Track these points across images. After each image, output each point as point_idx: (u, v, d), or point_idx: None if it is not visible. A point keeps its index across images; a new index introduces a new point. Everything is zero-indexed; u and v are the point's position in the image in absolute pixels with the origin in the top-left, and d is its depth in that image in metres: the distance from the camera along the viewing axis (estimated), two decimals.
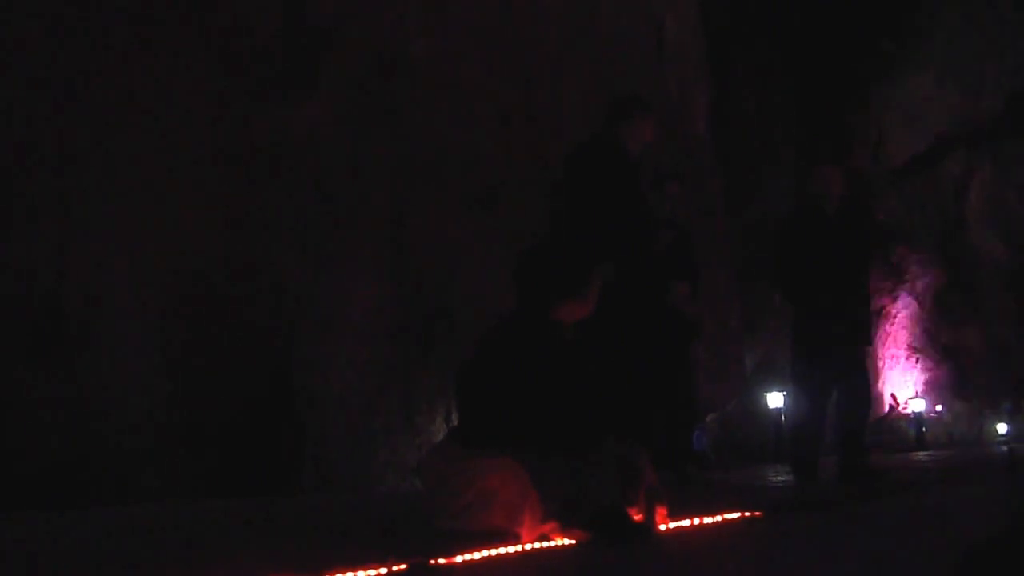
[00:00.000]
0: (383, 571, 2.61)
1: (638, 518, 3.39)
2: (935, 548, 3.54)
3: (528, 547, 3.13)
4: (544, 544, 3.20)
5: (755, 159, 13.88)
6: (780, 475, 6.94)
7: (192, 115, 6.59)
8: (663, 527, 3.50)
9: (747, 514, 4.02)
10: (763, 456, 12.98)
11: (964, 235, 14.94)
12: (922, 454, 12.87)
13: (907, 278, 14.71)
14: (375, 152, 7.62)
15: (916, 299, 14.96)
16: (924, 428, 16.75)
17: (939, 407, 17.05)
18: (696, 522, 3.74)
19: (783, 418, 13.99)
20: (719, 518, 3.89)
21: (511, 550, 3.04)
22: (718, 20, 12.10)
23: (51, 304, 5.87)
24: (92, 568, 3.07)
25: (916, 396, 17.30)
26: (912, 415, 17.22)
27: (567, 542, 3.23)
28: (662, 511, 3.50)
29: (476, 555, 2.86)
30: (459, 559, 2.80)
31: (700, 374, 6.87)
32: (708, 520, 3.82)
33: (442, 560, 2.74)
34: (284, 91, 7.07)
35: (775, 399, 14.84)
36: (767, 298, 11.36)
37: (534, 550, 3.11)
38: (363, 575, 2.58)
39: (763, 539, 3.62)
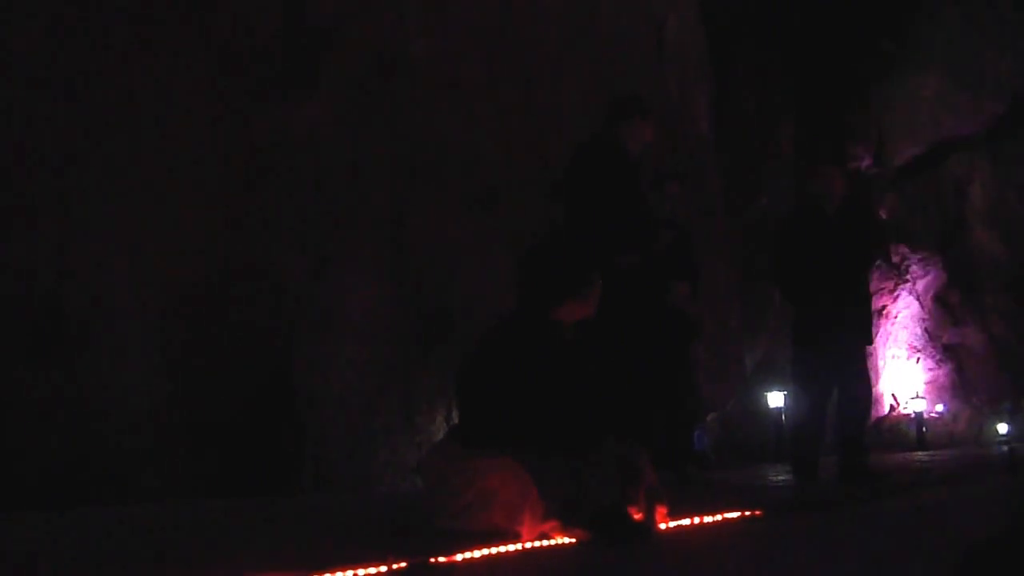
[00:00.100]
0: (383, 570, 2.61)
1: (638, 517, 3.39)
2: (935, 548, 3.54)
3: (528, 546, 3.14)
4: (544, 543, 3.20)
5: (755, 159, 13.88)
6: (780, 475, 6.94)
7: (192, 115, 6.58)
8: (663, 526, 3.50)
9: (747, 514, 4.03)
10: (763, 456, 12.97)
11: (965, 235, 14.95)
12: (922, 454, 12.86)
13: (908, 278, 14.72)
14: (375, 152, 7.62)
15: (917, 299, 14.96)
16: (924, 428, 16.74)
17: (939, 407, 17.05)
18: (696, 522, 3.74)
19: (783, 418, 13.98)
20: (719, 518, 3.89)
21: (511, 549, 3.04)
22: (718, 20, 12.09)
23: (51, 304, 5.87)
24: (92, 568, 3.07)
25: (916, 396, 17.30)
26: (912, 415, 17.22)
27: (567, 541, 3.23)
28: (662, 511, 3.50)
29: (476, 554, 2.86)
30: (459, 558, 2.80)
31: (700, 374, 6.87)
32: (708, 520, 3.82)
33: (442, 559, 2.75)
34: (284, 91, 7.07)
35: (775, 399, 14.83)
36: (767, 298, 11.36)
37: (534, 549, 3.11)
38: (363, 574, 2.58)
39: (763, 539, 3.62)
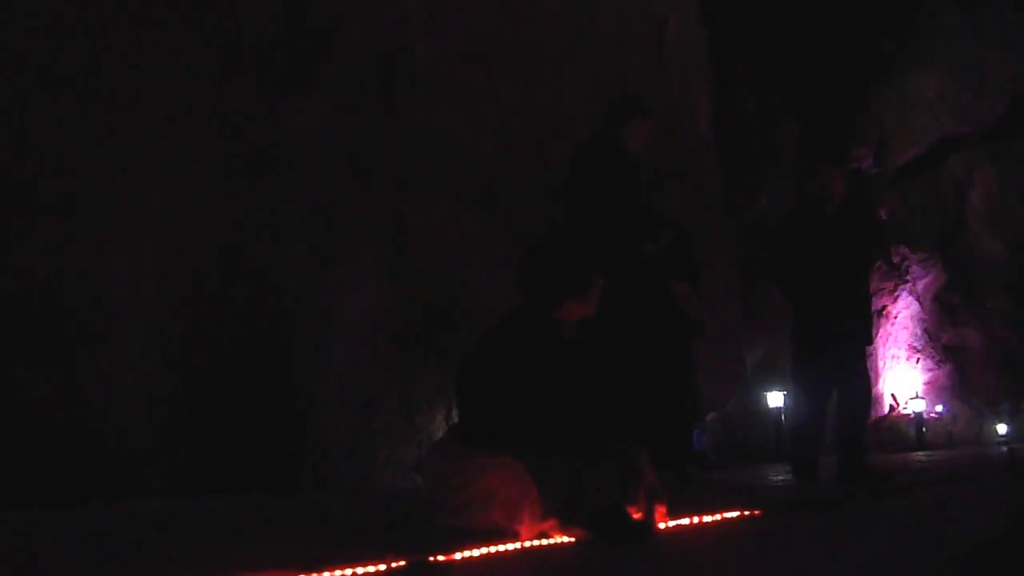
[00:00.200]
0: (383, 568, 2.61)
1: (638, 517, 3.39)
2: (935, 548, 3.54)
3: (527, 545, 3.14)
4: (544, 542, 3.20)
5: (755, 159, 13.87)
6: (780, 475, 6.94)
7: (192, 115, 6.59)
8: (663, 526, 3.50)
9: (747, 513, 4.02)
10: (763, 456, 12.96)
11: (965, 235, 14.95)
12: (922, 454, 12.86)
13: (908, 278, 14.72)
14: (375, 152, 7.62)
15: (917, 299, 14.96)
16: (924, 428, 16.75)
17: (939, 407, 17.05)
18: (696, 521, 3.74)
19: (783, 418, 13.97)
20: (719, 517, 3.89)
21: (510, 548, 3.04)
22: (718, 20, 12.09)
23: (51, 304, 5.87)
24: (91, 567, 3.07)
25: (916, 396, 17.30)
26: (912, 415, 17.22)
27: (566, 540, 3.23)
28: (662, 510, 3.50)
29: (475, 553, 2.87)
30: (459, 556, 2.80)
31: (700, 374, 6.86)
32: (708, 519, 3.82)
33: (441, 558, 2.75)
34: (284, 91, 7.07)
35: (775, 399, 14.83)
36: (767, 298, 11.36)
37: (533, 548, 3.11)
38: (363, 572, 2.58)
39: (763, 538, 3.62)
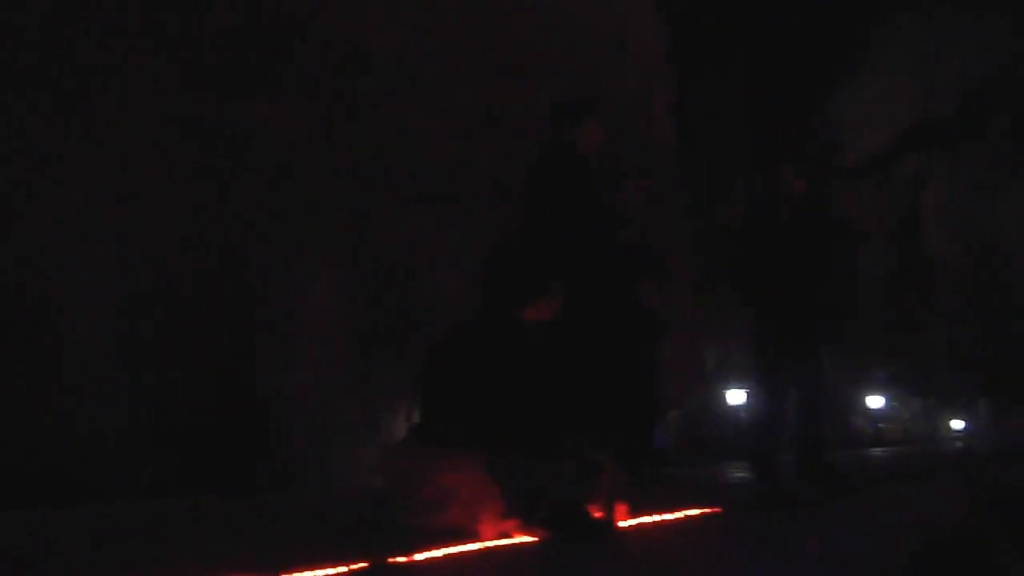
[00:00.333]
0: (343, 570, 2.61)
1: (598, 515, 3.41)
2: (890, 545, 3.60)
3: (488, 544, 3.14)
4: (504, 541, 3.21)
5: (716, 160, 13.99)
6: (741, 472, 6.99)
7: (154, 113, 6.53)
8: (623, 524, 3.52)
9: (707, 511, 4.06)
10: (725, 453, 13.08)
11: (920, 235, 15.19)
12: (879, 450, 13.04)
13: (864, 276, 14.93)
14: (337, 151, 7.59)
15: (876, 297, 15.19)
16: (881, 425, 16.99)
17: (896, 404, 17.30)
18: (657, 519, 3.77)
19: (744, 415, 14.10)
20: (679, 515, 3.92)
21: (471, 548, 3.05)
22: (680, 22, 12.18)
23: (11, 302, 5.78)
24: (48, 570, 3.04)
25: (874, 394, 17.55)
26: (870, 412, 17.46)
27: (527, 540, 3.24)
28: (622, 508, 3.53)
29: (437, 553, 2.87)
30: (419, 557, 2.80)
31: (662, 372, 6.90)
32: (669, 517, 3.85)
33: (402, 558, 2.75)
34: (247, 90, 7.03)
35: (736, 396, 14.96)
36: (728, 297, 11.43)
37: (494, 547, 3.12)
38: (323, 574, 2.57)
39: (722, 535, 3.66)
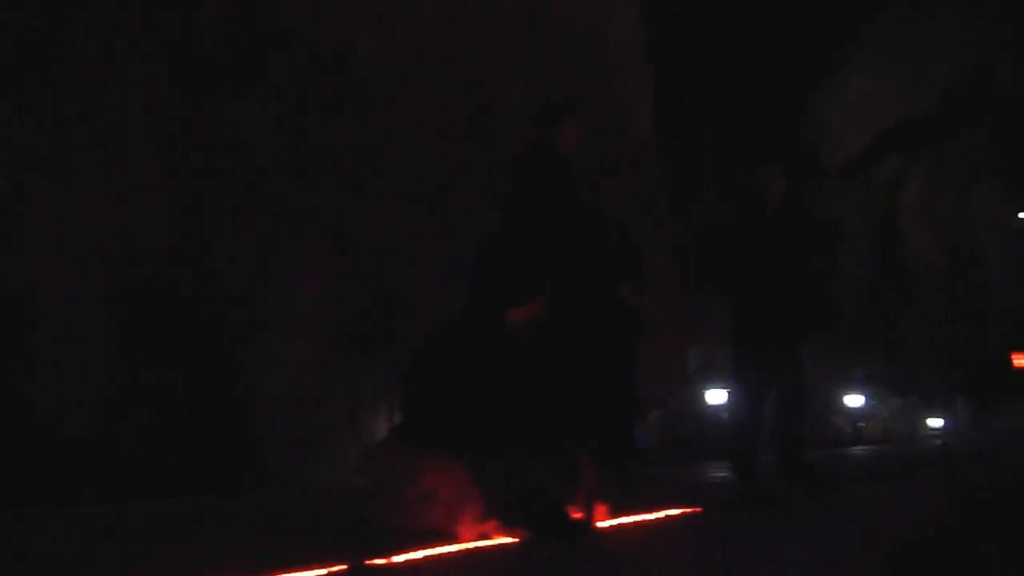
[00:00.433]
0: (323, 572, 2.60)
1: (578, 516, 3.42)
2: (870, 544, 3.62)
3: (468, 546, 3.14)
4: (484, 543, 3.21)
5: (699, 161, 14.03)
6: (721, 471, 7.02)
7: (138, 111, 6.48)
8: (604, 525, 3.53)
9: (688, 511, 4.08)
10: (706, 453, 13.11)
11: (899, 234, 15.29)
12: (859, 449, 13.13)
13: (845, 276, 15.02)
14: (321, 151, 7.56)
15: (853, 297, 15.28)
16: (861, 424, 17.09)
17: (876, 403, 17.41)
18: (637, 520, 3.78)
19: (724, 415, 14.13)
20: (660, 515, 3.94)
21: (451, 549, 3.05)
22: (663, 23, 12.21)
23: None
24: (27, 570, 3.02)
25: (854, 392, 17.65)
26: (850, 411, 17.56)
27: (507, 541, 3.24)
28: (602, 509, 3.53)
29: (416, 555, 2.87)
30: (400, 559, 2.80)
31: (643, 371, 6.92)
32: (649, 517, 3.87)
33: (381, 560, 2.74)
34: (229, 87, 6.98)
35: (717, 396, 15.00)
36: (710, 296, 11.48)
37: (474, 549, 3.12)
38: None
39: (702, 536, 3.68)
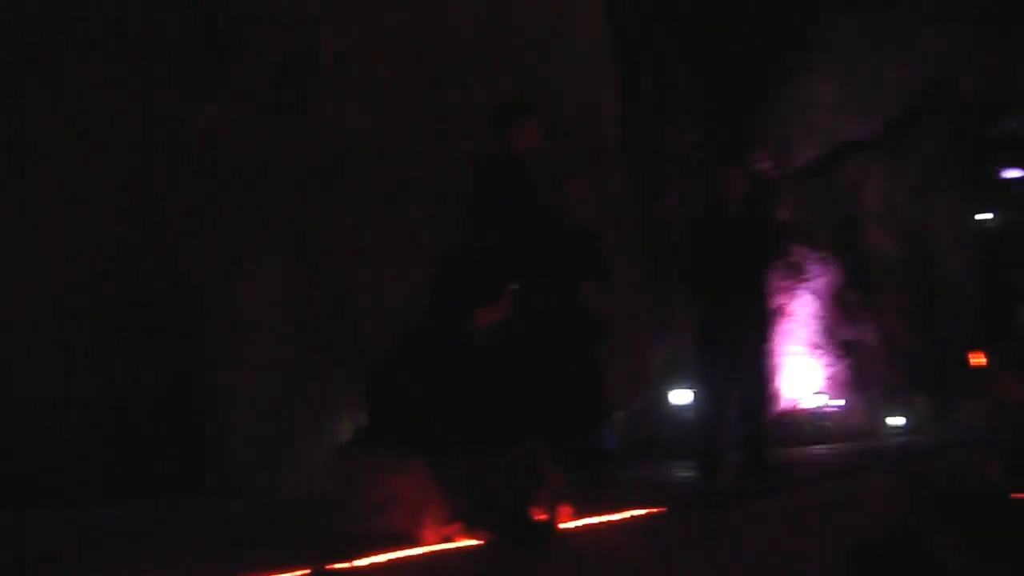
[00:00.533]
0: None
1: (542, 517, 3.43)
2: (832, 540, 3.66)
3: (432, 549, 3.14)
4: (448, 545, 3.20)
5: (661, 161, 14.11)
6: (686, 471, 7.06)
7: (97, 108, 6.39)
8: (568, 525, 3.53)
9: (652, 511, 4.10)
10: (671, 453, 13.16)
11: (861, 235, 15.49)
12: (822, 448, 13.24)
13: (807, 277, 15.19)
14: (283, 149, 7.50)
15: (816, 297, 15.45)
16: (824, 422, 17.25)
17: (838, 402, 17.60)
18: (601, 520, 3.79)
19: (688, 415, 14.16)
20: (624, 515, 3.95)
21: (414, 552, 3.04)
22: (627, 24, 12.27)
23: None
24: None
25: (816, 391, 17.82)
26: (813, 410, 17.72)
27: (471, 543, 3.24)
28: (566, 510, 3.54)
29: (379, 558, 2.86)
30: (363, 562, 2.79)
31: (608, 372, 6.94)
32: (613, 518, 3.88)
33: (343, 564, 2.73)
34: (192, 86, 6.91)
35: (681, 396, 15.07)
36: (673, 297, 11.57)
37: (437, 552, 3.11)
38: None
39: (665, 535, 3.70)
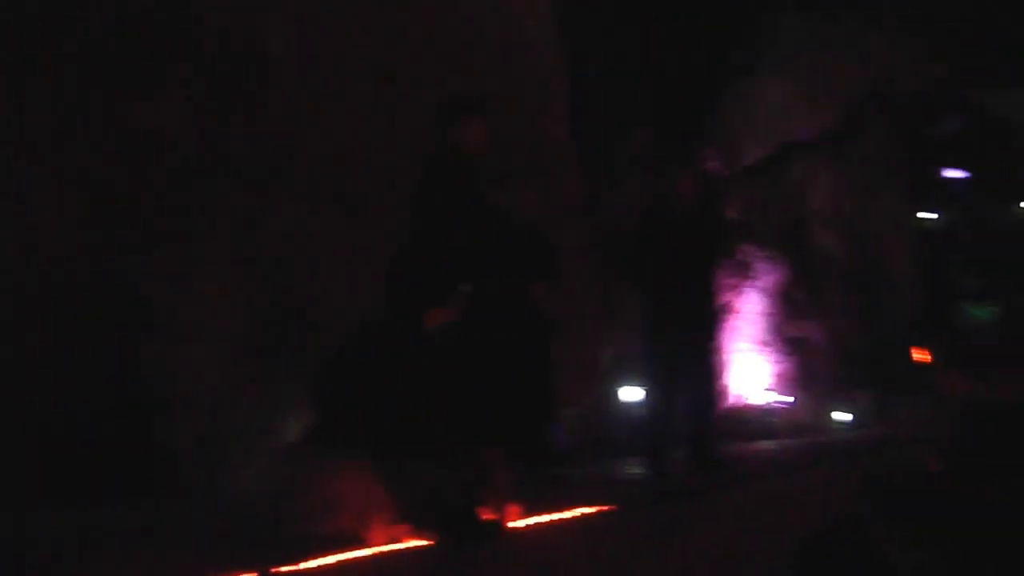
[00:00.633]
0: None
1: (490, 517, 3.43)
2: (780, 534, 3.70)
3: (379, 550, 3.12)
4: (395, 546, 3.19)
5: (611, 161, 14.17)
6: (635, 468, 7.11)
7: (41, 113, 6.27)
8: (516, 525, 3.54)
9: (601, 509, 4.12)
10: (620, 450, 13.21)
11: (807, 234, 15.71)
12: (769, 443, 13.42)
13: (754, 275, 15.37)
14: (231, 151, 7.42)
15: (763, 295, 15.64)
16: (771, 418, 17.45)
17: (786, 397, 17.84)
18: (550, 519, 3.81)
19: (638, 412, 14.20)
20: (573, 514, 3.97)
21: (362, 554, 3.03)
22: (577, 23, 12.33)
23: None
24: None
25: (764, 388, 18.03)
26: (760, 406, 17.91)
27: (418, 544, 3.23)
28: (515, 509, 3.55)
29: (326, 560, 2.84)
30: (309, 565, 2.77)
31: (558, 370, 6.96)
32: (562, 516, 3.89)
33: (289, 567, 2.71)
34: (137, 86, 6.81)
35: (630, 393, 15.13)
36: (623, 295, 11.63)
37: (384, 553, 3.10)
38: None
39: (615, 533, 3.72)
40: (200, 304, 7.06)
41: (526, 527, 3.58)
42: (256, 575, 2.63)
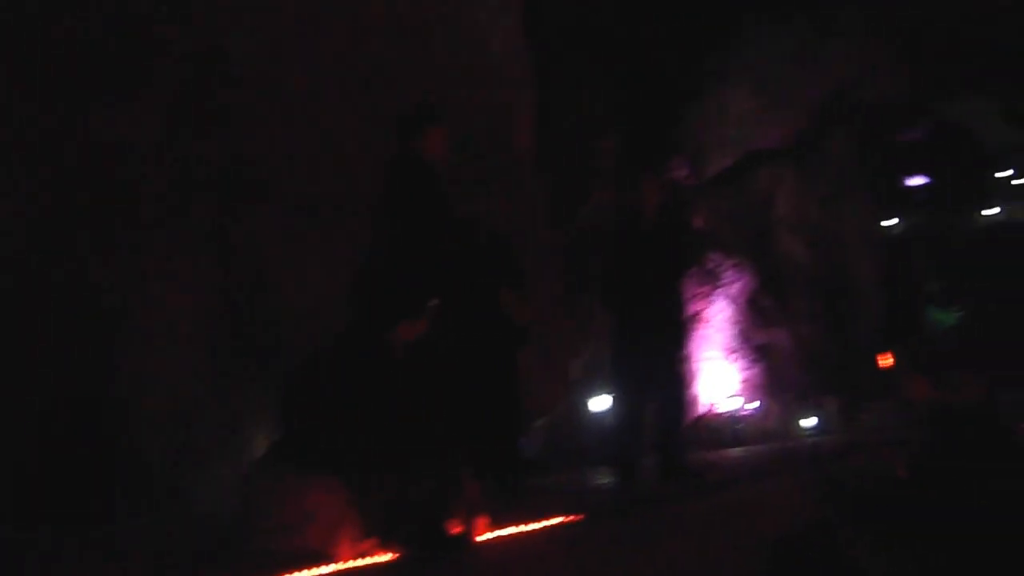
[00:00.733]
0: None
1: (457, 530, 3.40)
2: (749, 538, 3.71)
3: (346, 565, 3.09)
4: (363, 562, 3.16)
5: (578, 171, 14.21)
6: (604, 477, 7.11)
7: (6, 115, 6.17)
8: (484, 537, 3.52)
9: (570, 519, 4.10)
10: (589, 459, 13.21)
11: (773, 242, 15.86)
12: (738, 450, 13.49)
13: (722, 283, 15.47)
14: (198, 160, 7.35)
15: (731, 303, 15.73)
16: (739, 425, 17.53)
17: (753, 405, 17.93)
18: (519, 530, 3.78)
19: (607, 422, 14.19)
20: (542, 524, 3.95)
21: (329, 569, 2.99)
22: (544, 33, 12.36)
23: None
24: None
25: (731, 395, 18.12)
26: (728, 413, 18.00)
27: (386, 558, 3.20)
28: (482, 521, 3.52)
29: None
30: None
31: (528, 380, 6.95)
32: (531, 527, 3.87)
33: None
34: (105, 93, 6.72)
35: (599, 403, 15.15)
36: (591, 305, 11.66)
37: (352, 568, 3.07)
38: None
39: (584, 543, 3.70)
40: (166, 316, 6.97)
41: (494, 539, 3.56)
42: None
